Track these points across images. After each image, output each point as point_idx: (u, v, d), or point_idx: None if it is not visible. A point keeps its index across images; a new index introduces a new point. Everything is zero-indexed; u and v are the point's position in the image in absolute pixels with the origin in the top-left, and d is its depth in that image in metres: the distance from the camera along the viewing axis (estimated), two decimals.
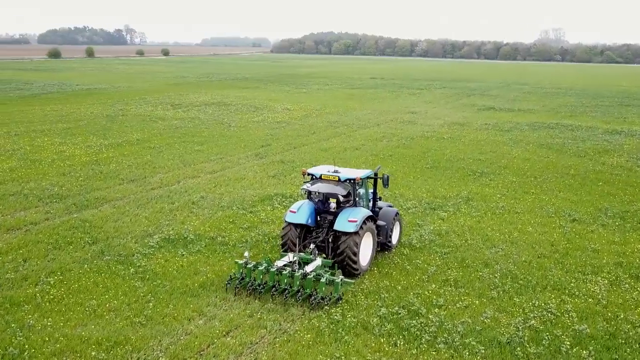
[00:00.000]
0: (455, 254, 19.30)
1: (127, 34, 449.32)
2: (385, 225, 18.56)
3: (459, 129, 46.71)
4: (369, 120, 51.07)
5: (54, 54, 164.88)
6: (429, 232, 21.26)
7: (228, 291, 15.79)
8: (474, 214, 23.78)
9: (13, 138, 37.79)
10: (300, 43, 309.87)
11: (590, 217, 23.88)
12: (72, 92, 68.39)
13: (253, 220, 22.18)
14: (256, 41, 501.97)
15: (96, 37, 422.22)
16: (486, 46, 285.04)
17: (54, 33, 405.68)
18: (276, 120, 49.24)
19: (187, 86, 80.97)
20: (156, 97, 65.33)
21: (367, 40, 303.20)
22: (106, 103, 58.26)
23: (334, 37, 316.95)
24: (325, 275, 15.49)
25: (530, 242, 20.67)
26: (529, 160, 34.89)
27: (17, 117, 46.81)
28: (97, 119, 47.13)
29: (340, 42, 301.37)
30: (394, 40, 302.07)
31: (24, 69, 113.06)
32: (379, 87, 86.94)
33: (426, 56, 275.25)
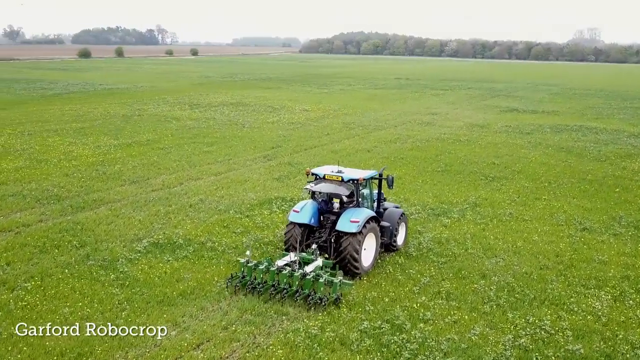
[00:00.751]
0: (453, 263, 18.44)
1: (158, 34, 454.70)
2: (389, 226, 18.38)
3: (477, 131, 45.53)
4: (386, 122, 50.18)
5: (84, 54, 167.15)
6: (428, 240, 20.41)
7: (228, 289, 15.78)
8: (479, 221, 22.82)
9: (25, 137, 37.92)
10: (329, 43, 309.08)
11: (603, 225, 22.72)
12: (93, 92, 68.88)
13: (247, 225, 21.60)
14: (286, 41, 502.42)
15: (128, 37, 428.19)
16: (517, 46, 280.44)
17: (87, 33, 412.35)
18: (291, 121, 48.67)
19: (210, 86, 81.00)
20: (176, 97, 65.35)
21: (396, 40, 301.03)
22: (125, 103, 58.42)
23: (362, 37, 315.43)
24: (324, 276, 15.40)
25: (534, 252, 19.67)
26: (545, 165, 33.66)
27: (34, 117, 47.12)
28: (113, 118, 47.17)
29: (369, 42, 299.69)
30: (423, 40, 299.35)
31: (52, 68, 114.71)
32: (402, 88, 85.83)
33: (456, 56, 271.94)
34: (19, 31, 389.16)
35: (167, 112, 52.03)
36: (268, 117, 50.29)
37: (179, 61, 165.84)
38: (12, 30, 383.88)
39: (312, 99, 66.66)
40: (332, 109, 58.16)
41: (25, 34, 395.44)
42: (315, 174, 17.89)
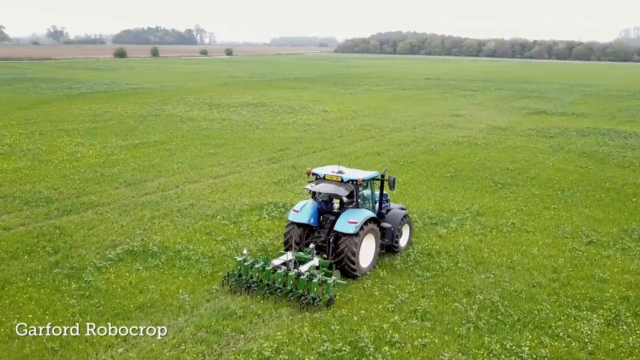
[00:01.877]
0: (438, 279, 17.24)
1: (197, 34, 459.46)
2: (390, 228, 18.23)
3: (498, 134, 43.85)
4: (405, 123, 48.85)
5: (120, 54, 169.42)
6: (417, 252, 19.23)
7: (224, 287, 15.87)
8: (477, 232, 21.51)
9: (35, 137, 37.92)
10: (365, 43, 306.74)
11: (611, 238, 21.16)
12: (118, 92, 69.20)
13: (231, 232, 20.76)
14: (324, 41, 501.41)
15: (167, 37, 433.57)
16: (558, 46, 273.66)
17: (128, 33, 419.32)
18: (307, 122, 47.75)
19: (235, 86, 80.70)
20: (198, 96, 65.14)
21: (432, 40, 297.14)
22: (146, 102, 58.39)
23: (399, 36, 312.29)
24: (318, 276, 15.29)
25: (530, 267, 18.32)
26: (562, 171, 31.96)
27: (52, 116, 47.30)
28: (128, 119, 47.02)
29: (405, 41, 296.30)
30: (461, 40, 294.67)
31: (85, 68, 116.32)
32: (430, 88, 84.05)
33: (494, 56, 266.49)
34: (62, 31, 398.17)
35: (184, 112, 51.70)
36: (285, 118, 49.47)
37: (211, 61, 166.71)
38: (55, 30, 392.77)
39: (335, 100, 65.64)
40: (353, 109, 57.06)
41: (69, 35, 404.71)
42: (316, 174, 17.81)
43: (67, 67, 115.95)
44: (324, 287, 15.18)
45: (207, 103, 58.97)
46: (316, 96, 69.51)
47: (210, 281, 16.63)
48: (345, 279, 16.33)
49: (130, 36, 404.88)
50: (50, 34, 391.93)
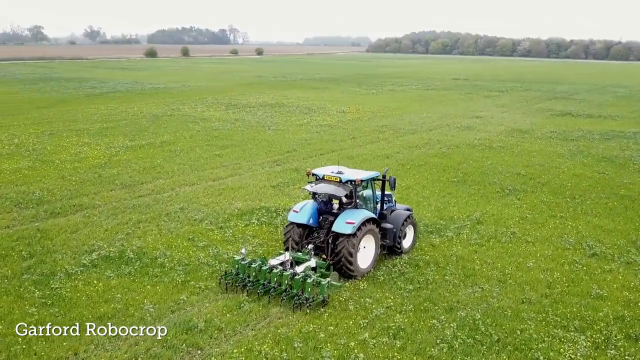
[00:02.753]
0: (421, 292, 16.27)
1: (230, 33, 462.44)
2: (392, 229, 18.03)
3: (517, 137, 42.38)
4: (422, 125, 47.66)
5: (150, 53, 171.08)
6: (405, 262, 18.27)
7: (220, 285, 15.90)
8: (473, 241, 20.42)
9: (44, 137, 37.94)
10: (397, 42, 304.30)
11: (617, 251, 19.85)
12: (139, 91, 69.42)
13: (214, 238, 20.09)
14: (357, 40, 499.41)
15: (201, 36, 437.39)
16: (595, 45, 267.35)
17: (162, 33, 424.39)
18: (321, 123, 46.95)
19: (257, 86, 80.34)
20: (218, 96, 64.91)
21: (465, 40, 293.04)
22: (164, 102, 58.32)
23: (431, 36, 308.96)
24: (312, 276, 15.16)
25: (522, 281, 17.20)
26: (577, 176, 30.52)
27: (67, 116, 47.46)
28: (142, 119, 46.87)
29: (437, 41, 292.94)
30: (494, 39, 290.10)
31: (113, 67, 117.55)
32: (455, 89, 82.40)
33: (528, 56, 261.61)
34: (98, 31, 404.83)
35: (200, 112, 51.39)
36: (299, 119, 48.76)
37: (240, 61, 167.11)
38: (92, 30, 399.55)
39: (355, 100, 64.70)
40: (372, 110, 56.07)
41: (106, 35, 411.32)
42: (315, 174, 17.72)
43: (96, 67, 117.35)
44: (318, 288, 14.98)
45: (225, 103, 58.63)
46: (337, 96, 68.68)
47: (180, 291, 15.97)
48: (342, 280, 16.26)
49: (165, 36, 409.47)
50: (87, 34, 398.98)
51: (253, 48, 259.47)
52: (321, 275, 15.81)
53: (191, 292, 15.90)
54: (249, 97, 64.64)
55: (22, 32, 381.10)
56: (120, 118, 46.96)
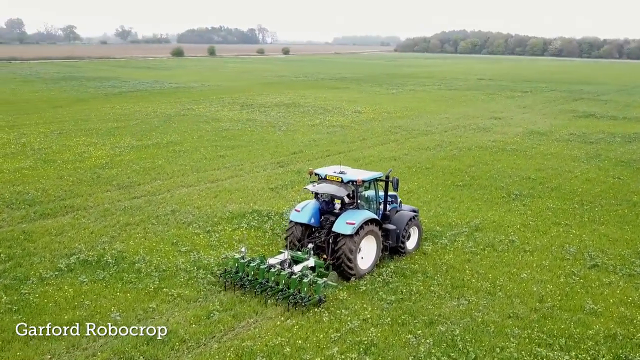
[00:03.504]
0: (403, 304, 15.47)
1: (259, 33, 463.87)
2: (395, 229, 17.96)
3: (533, 140, 41.08)
4: (437, 126, 46.61)
5: (177, 53, 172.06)
6: (391, 271, 17.48)
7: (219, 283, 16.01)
8: (468, 250, 19.51)
9: (52, 137, 37.98)
10: (426, 42, 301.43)
11: (620, 262, 18.76)
12: (157, 91, 69.54)
13: (198, 243, 19.56)
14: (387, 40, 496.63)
15: (230, 36, 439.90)
16: (630, 45, 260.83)
17: (192, 33, 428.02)
18: (334, 124, 46.23)
19: (277, 85, 79.93)
20: (235, 96, 64.65)
21: (495, 39, 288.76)
22: (180, 102, 58.23)
23: (460, 35, 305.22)
24: (309, 276, 15.21)
25: (513, 293, 16.28)
26: (590, 181, 29.28)
27: (80, 115, 47.58)
28: (154, 118, 46.74)
29: (466, 40, 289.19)
30: (525, 39, 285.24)
31: (138, 67, 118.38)
32: (478, 89, 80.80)
33: (560, 56, 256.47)
34: (129, 31, 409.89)
35: (213, 112, 51.10)
36: (312, 120, 48.11)
37: (265, 60, 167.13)
38: (123, 30, 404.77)
39: (374, 100, 63.80)
40: (388, 110, 55.15)
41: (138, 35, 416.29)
42: (318, 174, 17.76)
43: (122, 66, 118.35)
44: (314, 287, 15.00)
45: (241, 103, 58.29)
46: (355, 96, 67.84)
47: (151, 298, 15.46)
48: (340, 280, 16.26)
49: (194, 36, 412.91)
50: (118, 33, 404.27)
51: (280, 47, 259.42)
52: (320, 274, 15.92)
53: (162, 299, 15.39)
54: (266, 97, 64.23)
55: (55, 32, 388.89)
56: (133, 118, 46.90)
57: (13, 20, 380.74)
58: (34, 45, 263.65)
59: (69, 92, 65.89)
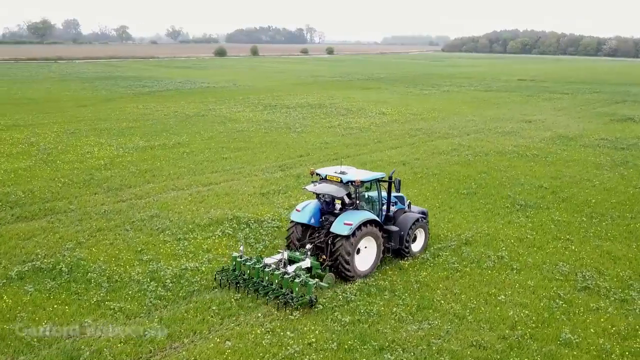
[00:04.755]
0: (357, 326, 14.20)
1: (307, 32, 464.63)
2: (398, 231, 17.82)
3: (559, 145, 38.86)
4: (461, 129, 44.75)
5: (220, 52, 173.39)
6: (356, 288, 16.19)
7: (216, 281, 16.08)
8: (449, 266, 18.02)
9: (63, 136, 37.99)
10: (474, 42, 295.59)
11: (616, 284, 16.95)
12: (187, 90, 69.58)
13: (163, 252, 18.68)
14: (437, 40, 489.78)
15: (278, 36, 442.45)
16: None
17: (241, 32, 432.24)
18: (352, 125, 44.95)
19: (308, 86, 79.03)
20: (262, 96, 64.06)
21: (547, 39, 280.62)
22: (204, 102, 57.94)
23: (510, 35, 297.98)
24: (302, 276, 15.11)
25: (484, 318, 14.78)
26: (608, 191, 27.20)
27: (100, 115, 47.70)
28: (171, 118, 46.42)
29: (516, 40, 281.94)
30: (578, 38, 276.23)
31: (178, 66, 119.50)
32: (517, 90, 77.95)
33: (615, 56, 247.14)
34: (179, 31, 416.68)
35: (234, 113, 50.48)
36: (331, 121, 46.94)
37: (305, 60, 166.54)
38: (173, 30, 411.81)
39: (403, 101, 62.15)
40: (415, 112, 53.50)
41: (189, 35, 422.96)
42: (319, 174, 17.77)
43: (162, 66, 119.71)
44: (306, 288, 14.89)
45: (265, 103, 57.59)
46: (385, 97, 66.34)
47: (92, 312, 14.64)
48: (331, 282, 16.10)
49: (242, 35, 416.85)
50: (168, 34, 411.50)
51: (324, 47, 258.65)
52: (317, 276, 15.98)
53: (102, 314, 14.54)
54: (293, 98, 63.37)
55: (109, 33, 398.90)
56: (150, 118, 46.70)
57: (69, 21, 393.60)
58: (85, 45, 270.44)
59: (99, 91, 66.52)
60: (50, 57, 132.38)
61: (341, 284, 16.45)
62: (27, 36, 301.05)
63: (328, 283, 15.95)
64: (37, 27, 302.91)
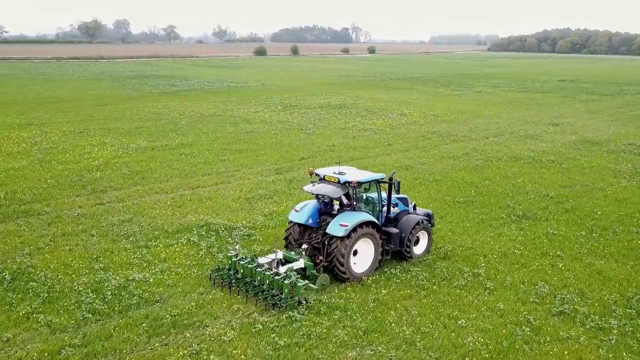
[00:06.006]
0: (292, 350, 13.06)
1: (352, 32, 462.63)
2: (398, 233, 17.55)
3: (581, 150, 36.66)
4: (481, 132, 42.87)
5: (260, 52, 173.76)
6: (304, 307, 15.00)
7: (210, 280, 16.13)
8: (417, 283, 16.63)
9: (70, 135, 37.92)
10: (521, 41, 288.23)
11: (596, 310, 15.27)
12: (211, 89, 69.36)
13: (119, 260, 17.89)
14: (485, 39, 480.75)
15: (323, 35, 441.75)
16: None
17: (286, 32, 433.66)
18: (367, 127, 43.59)
19: (336, 86, 77.84)
20: (285, 96, 63.26)
21: (598, 37, 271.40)
22: (226, 101, 57.48)
23: (559, 34, 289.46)
24: (292, 277, 14.98)
25: (435, 345, 13.41)
26: (620, 202, 25.19)
27: (116, 114, 47.67)
28: (185, 119, 45.97)
29: (566, 39, 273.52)
30: (632, 37, 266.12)
31: (212, 65, 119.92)
32: (554, 91, 74.89)
33: None
34: (226, 31, 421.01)
35: (250, 113, 49.73)
36: (347, 122, 45.68)
37: (343, 59, 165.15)
38: (220, 30, 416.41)
39: (429, 102, 60.32)
40: (437, 113, 51.72)
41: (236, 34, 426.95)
42: (318, 174, 17.62)
43: (198, 65, 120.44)
44: (295, 289, 14.79)
45: (286, 104, 56.71)
46: (413, 97, 64.64)
47: (18, 325, 13.92)
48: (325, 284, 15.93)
49: (288, 34, 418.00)
50: (215, 33, 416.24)
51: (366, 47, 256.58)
52: (311, 276, 15.89)
53: (27, 327, 13.82)
54: (316, 98, 62.34)
55: (158, 32, 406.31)
56: (164, 117, 46.36)
57: (120, 21, 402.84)
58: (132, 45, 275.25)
59: (125, 90, 66.90)
60: (91, 56, 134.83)
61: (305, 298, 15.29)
62: (78, 36, 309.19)
63: (322, 284, 15.81)
64: (88, 26, 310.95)
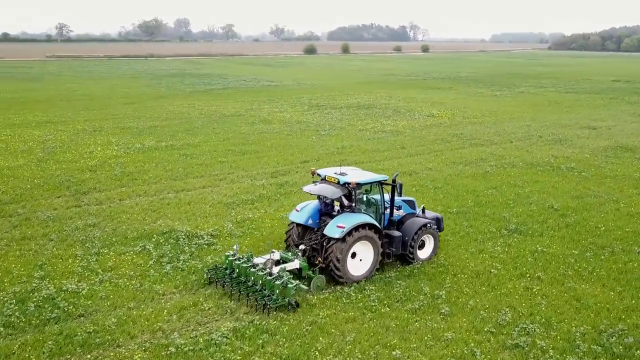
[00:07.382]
0: None
1: (410, 30, 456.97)
2: (401, 236, 17.27)
3: (610, 156, 34.06)
4: (507, 135, 40.58)
5: (309, 50, 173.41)
6: (231, 328, 13.83)
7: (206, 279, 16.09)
8: (366, 304, 15.18)
9: (81, 134, 37.96)
10: (584, 39, 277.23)
11: (558, 344, 13.44)
12: (244, 88, 69.01)
13: (61, 269, 17.13)
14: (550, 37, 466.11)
15: (380, 33, 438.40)
16: None
17: (342, 30, 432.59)
18: (386, 129, 41.98)
19: (372, 85, 76.25)
20: (315, 96, 62.29)
21: None
22: (253, 101, 56.89)
23: (625, 32, 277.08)
24: (283, 278, 14.87)
25: None
26: (631, 217, 22.90)
27: (137, 113, 47.74)
28: (202, 118, 45.51)
29: (632, 37, 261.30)
30: None
31: (257, 64, 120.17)
32: (602, 93, 70.96)
33: None
34: (283, 29, 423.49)
35: (273, 113, 48.89)
36: (368, 123, 44.21)
37: (393, 58, 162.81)
38: (277, 28, 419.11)
39: (464, 103, 58.05)
40: (468, 115, 49.58)
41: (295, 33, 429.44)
42: (319, 174, 17.49)
43: (243, 63, 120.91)
44: (285, 291, 14.60)
45: (313, 104, 55.67)
46: (448, 98, 62.49)
47: None
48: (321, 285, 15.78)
49: (344, 33, 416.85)
50: (272, 31, 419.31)
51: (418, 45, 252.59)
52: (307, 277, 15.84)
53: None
54: (347, 97, 61.05)
55: (216, 31, 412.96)
56: (183, 117, 46.04)
57: (180, 20, 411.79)
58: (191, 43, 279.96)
59: (159, 88, 67.42)
60: (142, 54, 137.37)
61: None
62: (139, 35, 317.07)
63: (317, 285, 15.65)
64: (148, 25, 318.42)
